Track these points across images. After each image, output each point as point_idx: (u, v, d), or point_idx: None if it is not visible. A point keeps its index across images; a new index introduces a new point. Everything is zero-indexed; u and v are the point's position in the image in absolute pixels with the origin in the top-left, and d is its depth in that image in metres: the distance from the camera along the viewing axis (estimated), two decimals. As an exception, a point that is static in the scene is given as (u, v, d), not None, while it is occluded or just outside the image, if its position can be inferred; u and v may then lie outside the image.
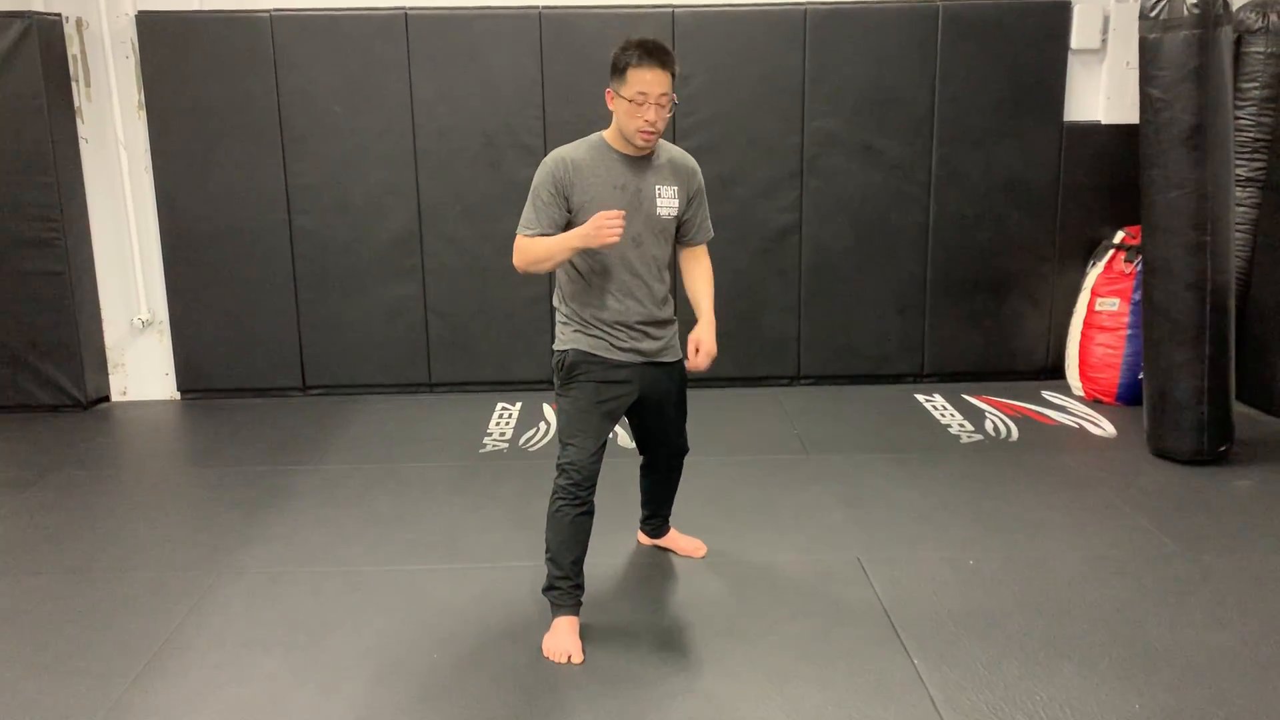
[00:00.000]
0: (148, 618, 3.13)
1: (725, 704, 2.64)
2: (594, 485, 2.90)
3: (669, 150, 2.95)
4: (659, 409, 3.07)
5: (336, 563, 3.49)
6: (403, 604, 3.19)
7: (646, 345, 2.94)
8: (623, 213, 2.71)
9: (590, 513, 2.92)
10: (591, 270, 2.88)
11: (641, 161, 2.86)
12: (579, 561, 2.93)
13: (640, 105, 2.72)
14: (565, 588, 2.92)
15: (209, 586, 3.32)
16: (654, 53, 2.71)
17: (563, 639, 2.87)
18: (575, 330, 2.92)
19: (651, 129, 2.75)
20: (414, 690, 2.72)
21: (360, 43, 5.08)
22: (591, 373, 2.89)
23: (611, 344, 2.90)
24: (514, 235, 2.91)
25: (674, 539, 3.50)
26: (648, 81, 2.70)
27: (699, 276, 3.06)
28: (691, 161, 2.99)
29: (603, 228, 2.67)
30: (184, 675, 2.81)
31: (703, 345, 2.91)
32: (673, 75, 2.75)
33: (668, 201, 2.88)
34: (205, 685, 2.76)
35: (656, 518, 3.47)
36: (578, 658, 2.83)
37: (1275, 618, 3.01)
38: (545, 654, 2.86)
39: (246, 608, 3.18)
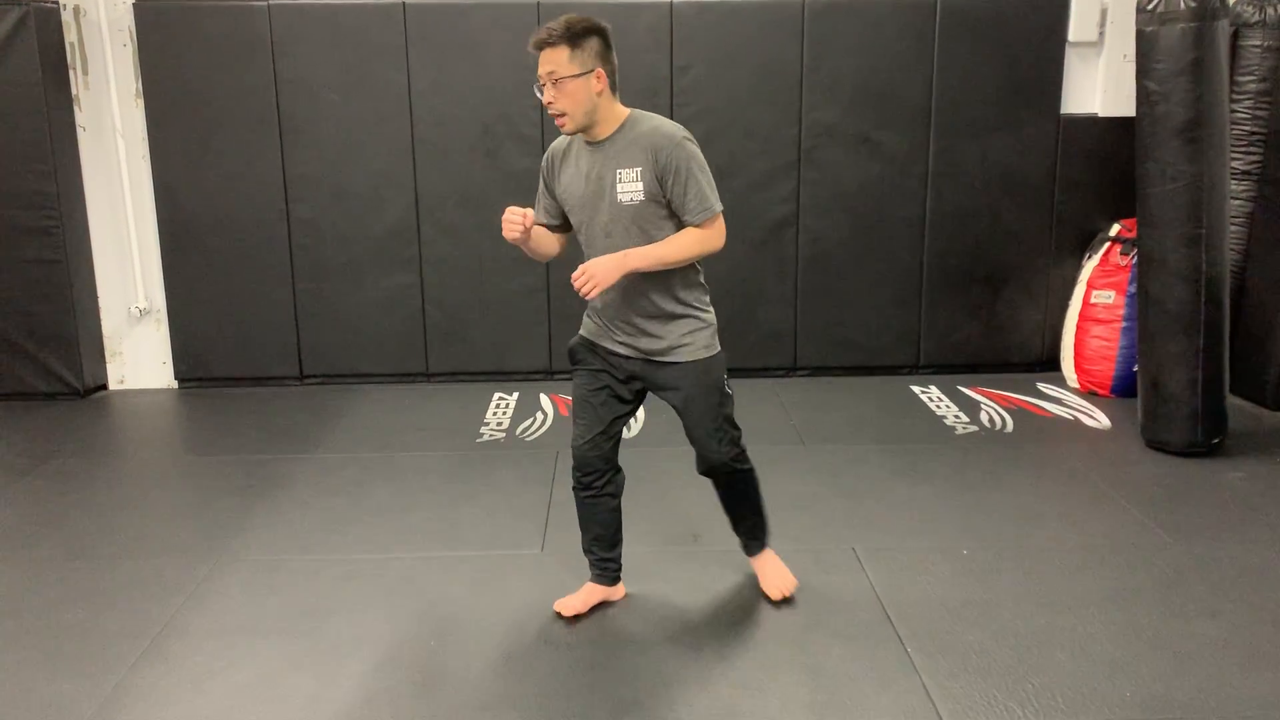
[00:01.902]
0: (146, 604, 3.14)
1: (720, 691, 2.66)
2: (596, 471, 2.89)
3: (638, 126, 2.67)
4: (679, 411, 2.86)
5: (334, 550, 3.51)
6: (400, 591, 3.21)
7: (644, 342, 2.79)
8: (525, 212, 2.63)
9: (596, 496, 2.93)
10: (581, 261, 2.83)
11: (603, 146, 2.68)
12: (598, 541, 3.00)
13: (543, 91, 2.64)
14: (590, 560, 3.05)
15: (207, 574, 3.34)
16: (536, 35, 2.60)
17: (571, 596, 3.05)
18: (586, 316, 2.93)
19: (554, 112, 2.61)
20: (411, 677, 2.74)
21: (358, 32, 5.08)
22: (588, 360, 2.90)
23: (610, 334, 2.85)
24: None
25: (761, 566, 3.17)
26: (539, 65, 2.61)
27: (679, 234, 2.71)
28: (664, 133, 2.64)
29: (504, 221, 2.62)
30: (182, 661, 2.83)
31: (588, 267, 2.61)
32: (570, 47, 2.56)
33: (628, 186, 2.64)
34: (203, 671, 2.78)
35: (737, 534, 3.17)
36: (562, 610, 3.01)
37: (1266, 607, 3.04)
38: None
39: (244, 595, 3.20)
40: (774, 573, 3.15)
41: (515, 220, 2.61)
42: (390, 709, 2.60)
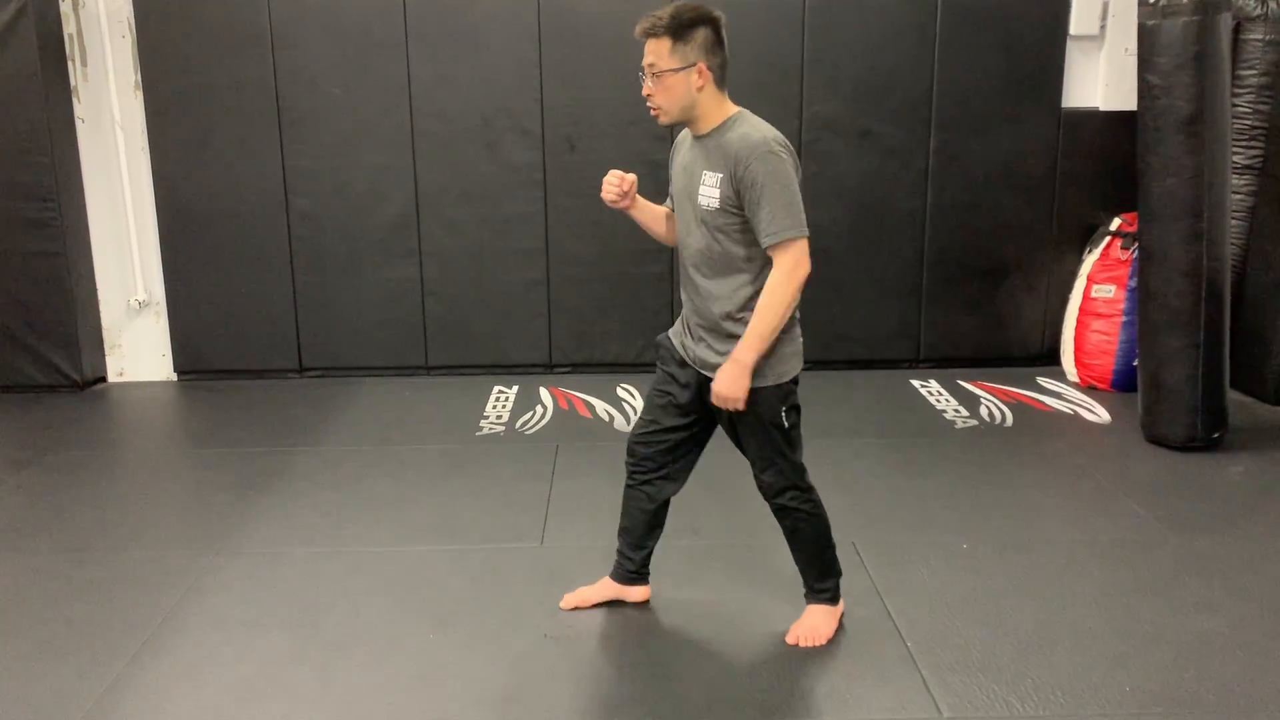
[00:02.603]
0: (146, 597, 3.14)
1: (718, 685, 2.66)
2: (642, 463, 2.84)
3: (735, 129, 2.52)
4: (728, 430, 2.73)
5: (334, 543, 3.51)
6: (399, 584, 3.21)
7: (708, 355, 2.62)
8: (624, 175, 2.67)
9: (634, 488, 2.89)
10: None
11: (702, 142, 2.56)
12: (625, 534, 2.97)
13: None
14: (617, 548, 3.01)
15: (207, 566, 3.34)
16: (641, 23, 2.50)
17: (581, 589, 3.04)
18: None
19: (650, 105, 2.54)
20: (411, 670, 2.74)
21: (358, 24, 5.06)
22: (664, 360, 2.81)
23: (683, 334, 2.75)
24: (511, 218, 2.88)
25: (805, 612, 2.91)
26: (644, 54, 2.52)
27: (760, 294, 2.52)
28: (750, 142, 2.46)
29: (604, 182, 2.65)
30: (182, 654, 2.83)
31: (715, 383, 2.53)
32: (673, 39, 2.46)
33: (708, 189, 2.51)
34: (203, 664, 2.78)
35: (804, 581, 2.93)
36: (564, 603, 3.02)
37: (1266, 602, 3.04)
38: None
39: (244, 587, 3.20)
40: (809, 621, 2.87)
41: (612, 182, 2.64)
42: (390, 702, 2.60)
